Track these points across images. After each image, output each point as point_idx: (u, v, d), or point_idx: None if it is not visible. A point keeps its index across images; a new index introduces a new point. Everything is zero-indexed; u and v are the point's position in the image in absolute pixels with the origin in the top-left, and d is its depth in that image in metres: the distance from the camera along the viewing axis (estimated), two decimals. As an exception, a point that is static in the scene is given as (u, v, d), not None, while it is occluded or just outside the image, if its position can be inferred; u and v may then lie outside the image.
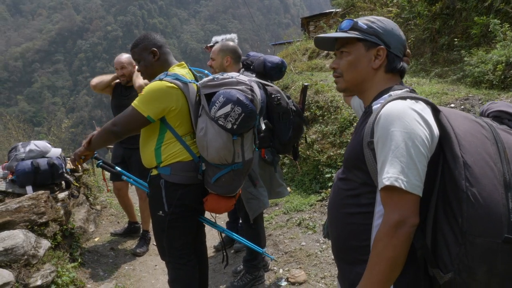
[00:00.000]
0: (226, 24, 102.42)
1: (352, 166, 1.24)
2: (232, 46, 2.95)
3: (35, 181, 3.28)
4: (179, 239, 2.31)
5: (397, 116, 1.09)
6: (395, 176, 1.05)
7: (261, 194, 2.91)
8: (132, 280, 3.46)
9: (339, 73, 1.35)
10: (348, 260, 1.27)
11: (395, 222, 1.05)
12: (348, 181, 1.26)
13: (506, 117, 1.22)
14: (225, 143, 2.11)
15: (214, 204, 2.31)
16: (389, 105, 1.13)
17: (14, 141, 8.99)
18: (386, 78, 1.29)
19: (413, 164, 1.05)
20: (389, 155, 1.07)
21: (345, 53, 1.32)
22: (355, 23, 1.30)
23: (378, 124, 1.12)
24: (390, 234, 1.05)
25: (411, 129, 1.07)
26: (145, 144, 2.29)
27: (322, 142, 5.09)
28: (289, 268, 3.26)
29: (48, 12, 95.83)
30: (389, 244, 1.05)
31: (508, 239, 0.96)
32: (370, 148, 1.15)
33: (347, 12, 10.40)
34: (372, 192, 1.18)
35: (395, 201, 1.06)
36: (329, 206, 1.36)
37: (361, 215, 1.21)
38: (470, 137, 1.07)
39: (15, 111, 46.21)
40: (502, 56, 4.73)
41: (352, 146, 1.25)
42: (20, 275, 2.59)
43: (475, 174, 1.00)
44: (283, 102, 2.82)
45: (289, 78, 6.87)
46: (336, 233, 1.31)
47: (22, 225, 2.89)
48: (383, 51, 1.27)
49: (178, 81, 2.16)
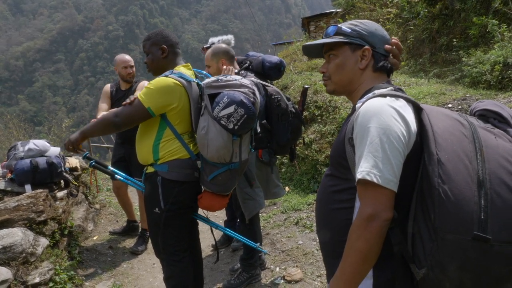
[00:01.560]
0: (227, 24, 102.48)
1: (336, 163, 1.27)
2: (223, 48, 2.95)
3: (34, 179, 3.31)
4: (174, 236, 2.34)
5: (374, 113, 1.12)
6: (367, 170, 1.07)
7: (257, 194, 2.92)
8: (130, 278, 3.48)
9: (327, 76, 1.39)
10: (333, 254, 1.29)
11: (368, 215, 1.07)
12: (332, 177, 1.30)
13: (491, 116, 1.22)
14: (225, 143, 2.16)
15: (208, 201, 2.37)
16: (368, 102, 1.17)
17: (15, 141, 9.01)
18: (373, 77, 1.33)
19: (386, 159, 1.07)
20: (365, 150, 1.09)
21: (333, 56, 1.36)
22: (339, 28, 1.35)
23: (356, 121, 1.15)
24: (362, 227, 1.08)
25: (387, 125, 1.09)
26: (143, 139, 2.32)
27: (320, 141, 5.11)
28: (285, 267, 3.28)
29: (49, 11, 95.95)
30: (361, 236, 1.07)
31: (477, 236, 0.97)
32: (351, 144, 1.18)
33: (347, 13, 10.42)
34: (353, 188, 1.19)
35: (368, 195, 1.08)
36: (317, 202, 1.40)
37: (343, 210, 1.23)
38: (448, 135, 1.08)
39: (16, 110, 46.27)
40: (499, 57, 4.75)
41: (336, 143, 1.28)
42: (18, 272, 2.62)
43: (447, 171, 1.01)
44: (282, 104, 2.83)
45: (288, 78, 6.89)
46: (322, 228, 1.34)
47: (21, 223, 2.91)
48: (368, 51, 1.31)
49: (183, 79, 2.22)
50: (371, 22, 1.36)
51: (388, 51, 1.33)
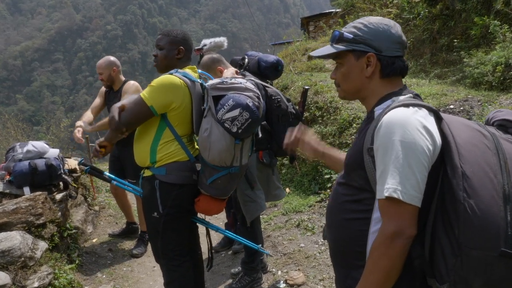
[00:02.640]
0: (226, 23, 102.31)
1: (352, 172, 1.23)
2: (211, 58, 2.90)
3: (32, 182, 3.27)
4: (173, 241, 2.31)
5: (399, 125, 1.07)
6: (393, 187, 1.04)
7: (258, 196, 2.89)
8: (130, 281, 3.45)
9: (337, 84, 1.35)
10: (344, 264, 1.27)
11: (392, 233, 1.04)
12: (347, 186, 1.26)
13: (511, 126, 1.19)
14: (227, 146, 2.13)
15: (205, 205, 2.33)
16: (391, 112, 1.12)
17: (13, 141, 8.97)
18: (385, 83, 1.26)
19: (412, 174, 1.04)
20: (389, 164, 1.06)
21: (339, 65, 1.32)
22: (340, 35, 1.28)
23: (379, 132, 1.10)
24: (386, 244, 1.05)
25: (412, 138, 1.05)
26: (140, 140, 2.28)
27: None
28: (287, 270, 3.24)
29: (48, 10, 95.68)
30: (385, 254, 1.05)
31: (504, 253, 0.95)
32: (370, 154, 1.14)
33: (347, 13, 10.40)
34: (370, 199, 1.17)
35: (392, 212, 1.05)
36: (328, 210, 1.36)
37: (358, 221, 1.20)
38: (471, 146, 1.05)
39: (14, 110, 46.19)
40: (501, 58, 4.73)
41: (353, 151, 1.24)
42: (17, 277, 2.58)
43: (473, 185, 0.98)
44: (283, 105, 2.80)
45: (288, 79, 6.86)
46: (334, 237, 1.31)
47: (19, 227, 2.88)
48: (373, 57, 1.24)
49: (187, 78, 2.19)
50: (378, 20, 1.27)
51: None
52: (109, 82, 3.77)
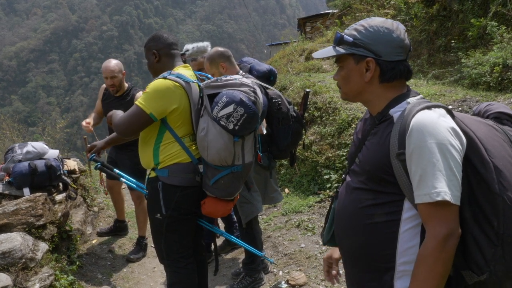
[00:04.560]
0: (222, 24, 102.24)
1: (376, 177, 1.21)
2: (217, 52, 2.82)
3: (32, 183, 3.24)
4: (177, 242, 2.29)
5: (430, 128, 1.09)
6: (444, 190, 1.05)
7: (254, 198, 2.89)
8: (131, 282, 3.44)
9: (339, 86, 1.35)
10: (370, 269, 1.26)
11: (444, 236, 1.06)
12: (368, 191, 1.24)
13: (505, 118, 1.25)
14: (226, 144, 2.10)
15: (211, 207, 2.28)
16: (418, 116, 1.12)
17: (9, 142, 8.92)
18: (388, 87, 1.25)
19: (453, 175, 1.06)
20: (429, 168, 1.07)
21: (340, 68, 1.31)
22: (341, 38, 1.26)
23: (411, 136, 1.10)
24: (439, 249, 1.06)
25: (447, 140, 1.07)
26: (144, 144, 2.28)
27: (320, 143, 5.09)
28: (289, 270, 3.25)
29: (43, 11, 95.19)
30: (440, 259, 1.07)
31: None
32: (400, 159, 1.13)
33: (344, 13, 10.43)
34: (398, 201, 1.18)
35: (442, 215, 1.07)
36: (343, 216, 1.33)
37: (387, 223, 1.20)
38: (492, 141, 1.10)
39: (9, 111, 45.85)
40: (499, 58, 4.76)
41: (376, 157, 1.21)
42: (17, 278, 2.56)
43: (506, 178, 1.05)
44: (283, 107, 2.80)
45: (287, 79, 6.87)
46: (355, 243, 1.29)
47: (20, 228, 2.86)
48: (372, 63, 1.22)
49: (181, 79, 2.16)
50: (379, 22, 1.23)
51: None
52: (120, 87, 3.55)
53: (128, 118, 2.16)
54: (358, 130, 1.40)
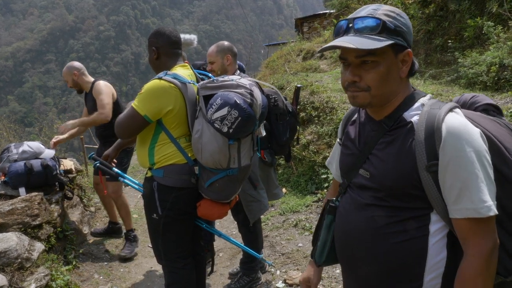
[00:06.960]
0: (219, 24, 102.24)
1: (402, 194, 1.08)
2: (228, 44, 2.93)
3: (28, 182, 3.23)
4: (174, 242, 2.28)
5: (466, 135, 1.00)
6: (490, 204, 0.98)
7: (261, 196, 2.88)
8: (128, 282, 3.42)
9: (362, 87, 1.08)
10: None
11: (489, 250, 1.00)
12: (389, 208, 1.11)
13: (492, 109, 1.23)
14: (220, 147, 2.04)
15: (207, 209, 2.25)
16: (449, 122, 1.02)
17: (5, 142, 8.87)
18: (408, 84, 1.15)
19: (492, 184, 1.00)
20: (472, 180, 0.99)
21: (372, 63, 1.05)
22: (383, 24, 1.03)
23: (446, 145, 1.00)
24: (486, 266, 1.00)
25: (483, 147, 1.01)
26: (141, 143, 2.27)
27: (317, 143, 5.09)
28: (286, 270, 3.24)
29: (40, 11, 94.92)
30: (489, 276, 1.01)
31: None
32: (430, 171, 1.02)
33: (341, 13, 10.44)
34: (425, 215, 1.08)
35: (488, 229, 1.01)
36: (353, 237, 1.19)
37: (412, 241, 1.08)
38: (505, 137, 1.08)
39: (6, 111, 45.75)
40: (495, 58, 4.77)
41: (399, 171, 1.07)
42: (13, 278, 2.54)
43: None
44: (280, 103, 2.80)
45: (284, 79, 6.87)
46: (371, 268, 1.16)
47: (15, 228, 2.84)
48: (410, 55, 1.08)
49: (177, 80, 2.12)
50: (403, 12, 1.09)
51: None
52: (77, 86, 3.88)
53: (124, 120, 2.14)
54: (351, 135, 1.24)
